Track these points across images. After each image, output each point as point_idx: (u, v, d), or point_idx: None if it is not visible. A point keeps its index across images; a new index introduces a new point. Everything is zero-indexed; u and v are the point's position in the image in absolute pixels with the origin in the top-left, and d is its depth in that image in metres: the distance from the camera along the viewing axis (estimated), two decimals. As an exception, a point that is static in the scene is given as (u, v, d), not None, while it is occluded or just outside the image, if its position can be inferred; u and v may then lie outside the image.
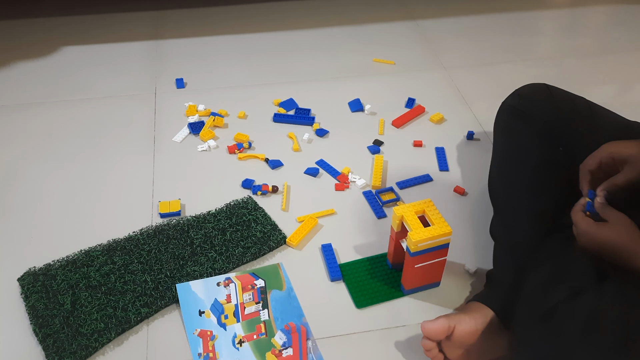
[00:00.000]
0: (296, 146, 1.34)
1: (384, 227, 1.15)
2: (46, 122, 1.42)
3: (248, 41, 1.75)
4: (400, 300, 1.02)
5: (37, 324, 0.96)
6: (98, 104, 1.48)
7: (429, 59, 1.68)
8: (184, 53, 1.69)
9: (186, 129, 1.39)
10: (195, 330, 0.96)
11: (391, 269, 1.06)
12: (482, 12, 1.93)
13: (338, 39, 1.77)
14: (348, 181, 1.25)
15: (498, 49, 1.73)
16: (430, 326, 0.86)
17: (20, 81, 1.57)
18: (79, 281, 1.02)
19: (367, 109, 1.46)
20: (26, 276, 1.04)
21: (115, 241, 1.10)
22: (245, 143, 1.33)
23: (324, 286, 1.05)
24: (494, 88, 0.98)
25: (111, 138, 1.37)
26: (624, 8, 1.97)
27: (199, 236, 1.11)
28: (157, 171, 1.28)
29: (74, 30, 1.78)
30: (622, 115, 1.03)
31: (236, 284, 1.03)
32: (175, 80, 1.56)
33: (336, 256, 1.09)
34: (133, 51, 1.69)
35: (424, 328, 0.86)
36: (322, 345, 0.95)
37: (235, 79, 1.59)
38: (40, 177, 1.26)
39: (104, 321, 0.96)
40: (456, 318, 0.87)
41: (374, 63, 1.66)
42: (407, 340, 0.96)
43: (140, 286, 1.02)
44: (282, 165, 1.30)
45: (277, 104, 1.48)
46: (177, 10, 1.89)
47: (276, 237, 1.11)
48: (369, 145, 1.35)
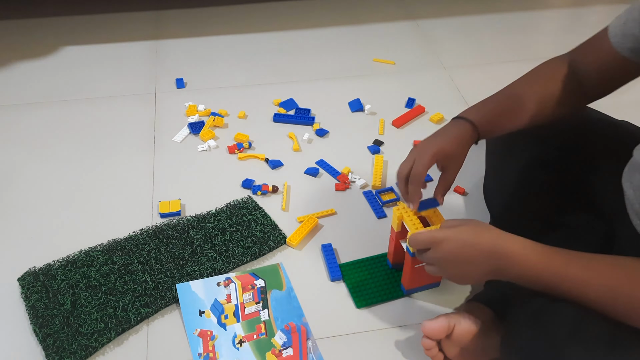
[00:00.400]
0: (296, 146, 1.34)
1: (384, 227, 1.16)
2: (46, 122, 1.42)
3: (248, 41, 1.75)
4: (400, 300, 1.02)
5: (37, 324, 0.96)
6: (98, 104, 1.48)
7: (429, 59, 1.68)
8: (184, 53, 1.69)
9: (186, 129, 1.39)
10: (195, 330, 0.96)
11: (391, 269, 1.06)
12: (482, 12, 1.93)
13: (338, 39, 1.77)
14: (348, 181, 1.25)
15: (498, 49, 1.73)
16: (430, 325, 0.86)
17: (20, 81, 1.57)
18: (79, 281, 1.02)
19: (367, 109, 1.46)
20: (26, 276, 1.04)
21: (115, 241, 1.10)
22: (245, 143, 1.33)
23: (324, 286, 1.05)
24: (494, 88, 0.97)
25: (111, 138, 1.37)
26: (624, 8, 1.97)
27: (199, 236, 1.11)
28: (157, 171, 1.28)
29: (74, 30, 1.78)
30: (621, 115, 1.03)
31: (236, 284, 1.03)
32: (175, 80, 1.56)
33: (336, 256, 1.09)
34: (133, 51, 1.69)
35: (424, 327, 0.87)
36: (322, 345, 0.95)
37: (235, 79, 1.59)
38: (40, 177, 1.26)
39: (104, 321, 0.96)
40: (456, 317, 0.87)
41: (374, 63, 1.66)
42: (407, 340, 0.96)
43: (140, 286, 1.02)
44: (282, 165, 1.30)
45: (277, 104, 1.48)
46: (177, 10, 1.89)
47: (276, 237, 1.11)
48: (369, 145, 1.35)
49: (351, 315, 1.00)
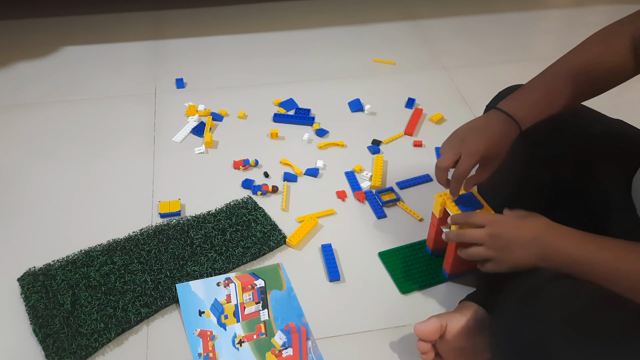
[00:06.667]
0: (284, 160, 1.34)
1: (384, 227, 1.16)
2: (46, 122, 1.42)
3: (248, 41, 1.75)
4: (400, 300, 1.02)
5: (37, 324, 0.96)
6: (98, 104, 1.48)
7: (429, 59, 1.68)
8: (184, 53, 1.69)
9: (186, 129, 1.38)
10: (195, 330, 0.96)
11: (431, 255, 1.07)
12: (482, 12, 1.93)
13: (338, 39, 1.77)
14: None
15: (498, 49, 1.73)
16: (422, 327, 0.86)
17: (20, 81, 1.57)
18: (79, 281, 1.02)
19: (367, 109, 1.46)
20: (26, 276, 1.04)
21: (115, 241, 1.10)
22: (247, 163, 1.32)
23: (324, 286, 1.05)
24: (494, 88, 0.98)
25: (111, 138, 1.37)
26: (624, 8, 1.97)
27: (199, 236, 1.11)
28: (157, 171, 1.28)
29: (74, 30, 1.78)
30: (620, 115, 1.03)
31: (236, 284, 1.03)
32: (175, 80, 1.56)
33: (336, 256, 1.09)
34: (133, 51, 1.69)
35: (417, 329, 0.87)
36: (322, 345, 0.95)
37: (235, 79, 1.59)
38: (40, 177, 1.26)
39: (104, 321, 0.96)
40: (447, 317, 0.87)
41: (374, 63, 1.66)
42: (406, 340, 0.96)
43: (140, 286, 1.02)
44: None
45: (277, 104, 1.48)
46: (177, 10, 1.89)
47: (276, 237, 1.11)
48: (369, 145, 1.35)
49: (351, 315, 1.00)
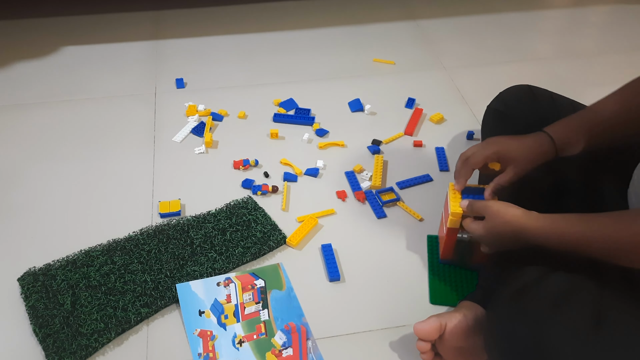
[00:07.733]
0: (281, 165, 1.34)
1: (384, 227, 1.16)
2: (46, 122, 1.42)
3: (248, 41, 1.75)
4: (400, 300, 1.02)
5: (37, 324, 0.96)
6: (98, 104, 1.48)
7: (429, 59, 1.68)
8: (184, 53, 1.69)
9: (186, 129, 1.38)
10: (195, 330, 0.97)
11: (440, 263, 1.07)
12: (482, 12, 1.93)
13: (338, 39, 1.77)
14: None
15: (498, 49, 1.73)
16: (421, 326, 0.86)
17: (20, 81, 1.57)
18: (79, 281, 1.02)
19: (367, 109, 1.46)
20: (26, 276, 1.04)
21: (115, 241, 1.10)
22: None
23: (324, 286, 1.05)
24: (494, 88, 0.98)
25: (111, 138, 1.37)
26: (624, 8, 1.97)
27: (199, 236, 1.11)
28: (157, 171, 1.28)
29: (74, 30, 1.78)
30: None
31: (236, 284, 1.03)
32: (175, 80, 1.56)
33: (336, 256, 1.09)
34: (133, 51, 1.69)
35: (416, 329, 0.87)
36: (322, 345, 0.95)
37: (235, 79, 1.59)
38: (40, 177, 1.26)
39: (104, 321, 0.96)
40: (447, 316, 0.88)
41: (374, 63, 1.66)
42: (406, 340, 0.96)
43: (140, 286, 1.02)
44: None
45: (277, 104, 1.48)
46: (177, 10, 1.89)
47: (276, 237, 1.11)
48: (369, 145, 1.35)
49: (351, 315, 1.00)
